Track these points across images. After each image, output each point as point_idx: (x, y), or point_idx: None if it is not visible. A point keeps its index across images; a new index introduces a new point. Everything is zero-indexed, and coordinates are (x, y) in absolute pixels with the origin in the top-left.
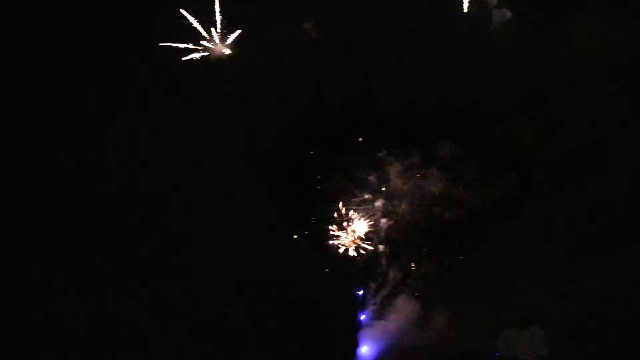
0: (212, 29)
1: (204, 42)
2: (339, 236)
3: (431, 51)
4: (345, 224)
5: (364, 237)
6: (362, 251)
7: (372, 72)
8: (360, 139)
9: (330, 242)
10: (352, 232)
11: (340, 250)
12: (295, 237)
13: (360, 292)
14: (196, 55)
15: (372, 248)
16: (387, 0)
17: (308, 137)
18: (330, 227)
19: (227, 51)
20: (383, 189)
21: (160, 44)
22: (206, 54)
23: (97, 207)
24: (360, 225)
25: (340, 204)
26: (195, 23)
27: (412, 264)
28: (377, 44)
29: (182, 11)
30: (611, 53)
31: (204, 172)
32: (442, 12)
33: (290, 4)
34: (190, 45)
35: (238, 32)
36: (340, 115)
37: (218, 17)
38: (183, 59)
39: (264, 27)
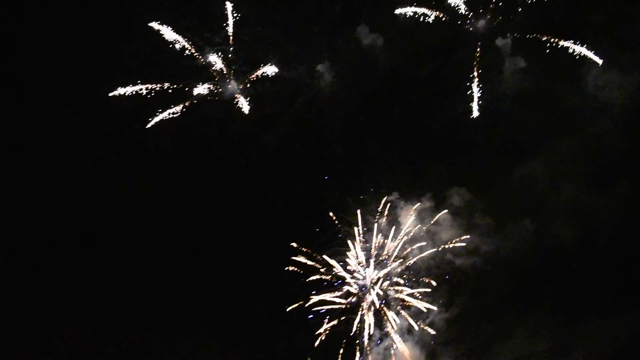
0: (225, 68)
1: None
2: (348, 281)
3: (441, 96)
4: (355, 268)
5: (374, 282)
6: (370, 296)
7: (385, 117)
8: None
9: (340, 288)
10: (362, 277)
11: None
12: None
13: (365, 339)
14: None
15: (381, 293)
16: (400, 49)
17: (319, 178)
18: (339, 272)
19: (241, 98)
20: (394, 233)
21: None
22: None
23: None
24: (371, 270)
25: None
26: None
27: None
28: (388, 89)
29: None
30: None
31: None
32: (455, 60)
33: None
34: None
35: (267, 68)
36: (351, 159)
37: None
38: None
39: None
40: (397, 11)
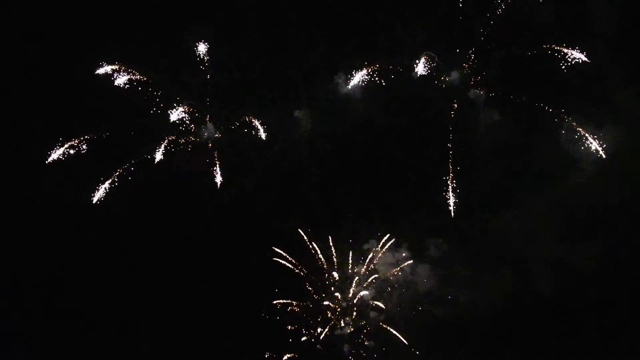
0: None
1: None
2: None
3: (419, 146)
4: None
5: (352, 332)
6: (347, 345)
7: (362, 166)
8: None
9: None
10: (339, 327)
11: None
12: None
13: None
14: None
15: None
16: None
17: (294, 224)
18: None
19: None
20: (372, 281)
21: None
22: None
23: None
24: (350, 320)
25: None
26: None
27: None
28: (365, 138)
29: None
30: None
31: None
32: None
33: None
34: None
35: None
36: (328, 207)
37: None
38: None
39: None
40: (350, 85)
